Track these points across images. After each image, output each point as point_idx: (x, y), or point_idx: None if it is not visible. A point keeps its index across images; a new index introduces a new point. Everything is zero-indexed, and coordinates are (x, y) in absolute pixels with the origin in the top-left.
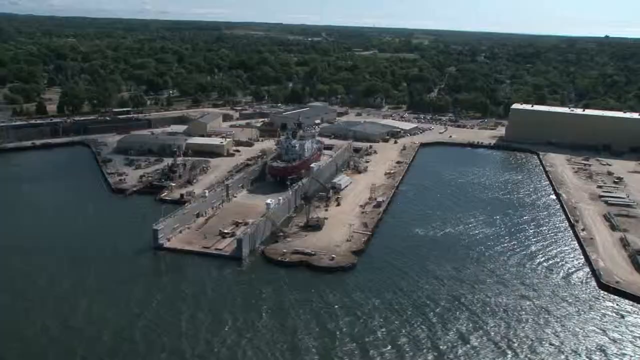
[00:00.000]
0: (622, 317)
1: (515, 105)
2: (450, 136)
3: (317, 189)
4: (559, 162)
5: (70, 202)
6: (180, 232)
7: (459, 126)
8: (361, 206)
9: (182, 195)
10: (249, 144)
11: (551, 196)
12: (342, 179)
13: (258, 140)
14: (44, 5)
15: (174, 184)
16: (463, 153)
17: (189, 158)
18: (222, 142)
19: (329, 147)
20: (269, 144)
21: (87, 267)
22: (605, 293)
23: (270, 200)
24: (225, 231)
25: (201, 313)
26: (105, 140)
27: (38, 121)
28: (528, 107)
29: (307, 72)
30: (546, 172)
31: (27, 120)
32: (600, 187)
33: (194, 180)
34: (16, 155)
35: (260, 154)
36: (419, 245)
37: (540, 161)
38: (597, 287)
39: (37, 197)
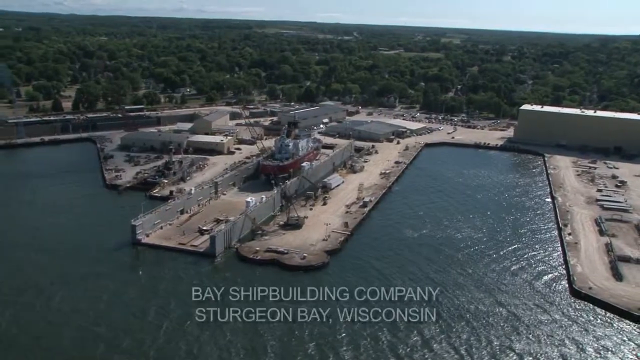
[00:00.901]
0: (590, 324)
1: (525, 106)
2: (453, 137)
3: (307, 188)
4: (564, 165)
5: (64, 197)
6: (161, 228)
7: (469, 127)
8: (347, 206)
9: (171, 192)
10: (251, 142)
11: (547, 199)
12: (333, 179)
13: (263, 139)
14: (86, 5)
15: (166, 181)
16: (467, 154)
17: (188, 155)
18: (222, 140)
19: (331, 147)
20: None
21: (65, 261)
22: (577, 299)
23: (250, 198)
24: (204, 228)
25: (165, 308)
26: (112, 137)
27: (51, 117)
28: (537, 108)
29: (326, 71)
30: (547, 174)
31: (41, 116)
32: (600, 190)
33: (188, 178)
34: (23, 151)
35: (260, 152)
36: (401, 246)
37: (545, 163)
38: (569, 294)
39: (32, 193)
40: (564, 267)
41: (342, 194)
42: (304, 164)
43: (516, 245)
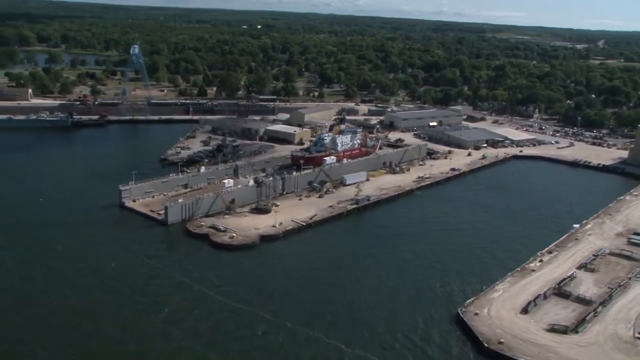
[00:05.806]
0: (435, 348)
1: None
2: (521, 151)
3: (320, 180)
4: None
5: (115, 163)
6: (153, 197)
7: (594, 143)
8: (339, 202)
9: (198, 170)
10: None
11: (575, 224)
12: (354, 176)
13: None
14: (350, 6)
15: (207, 160)
16: (557, 171)
17: (258, 142)
18: (294, 131)
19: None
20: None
21: (57, 208)
22: (453, 324)
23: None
24: (180, 201)
25: (91, 259)
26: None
27: (183, 100)
28: None
29: (492, 76)
30: (617, 200)
31: (178, 99)
32: None
33: (231, 161)
34: (141, 126)
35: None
36: (347, 254)
37: (632, 188)
38: (453, 315)
39: (94, 157)
40: (482, 290)
41: (351, 191)
42: (325, 159)
43: (469, 265)
